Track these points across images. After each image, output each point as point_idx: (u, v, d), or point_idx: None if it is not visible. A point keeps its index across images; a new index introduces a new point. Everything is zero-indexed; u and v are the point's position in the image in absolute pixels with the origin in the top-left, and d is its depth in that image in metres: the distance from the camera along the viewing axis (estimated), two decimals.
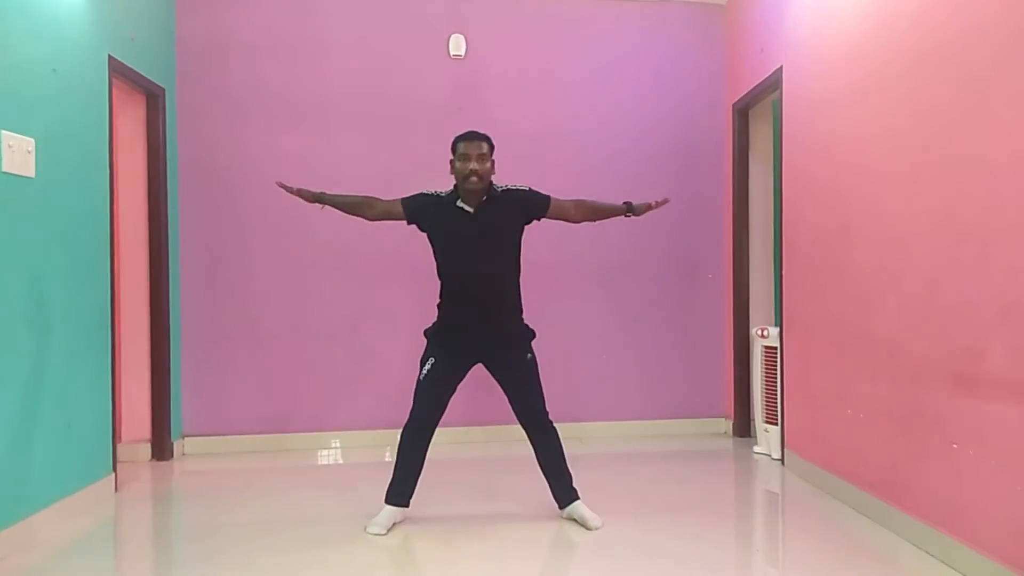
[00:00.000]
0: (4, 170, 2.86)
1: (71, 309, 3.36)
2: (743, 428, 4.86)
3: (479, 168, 3.01)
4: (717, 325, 5.06)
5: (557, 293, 4.85)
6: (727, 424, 5.02)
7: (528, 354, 3.21)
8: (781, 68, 4.12)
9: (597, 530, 3.09)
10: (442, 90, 4.80)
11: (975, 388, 2.54)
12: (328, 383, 4.70)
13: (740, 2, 4.79)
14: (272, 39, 4.66)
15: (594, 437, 4.84)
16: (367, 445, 4.64)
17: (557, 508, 3.26)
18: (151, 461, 4.34)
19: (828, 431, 3.62)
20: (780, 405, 4.20)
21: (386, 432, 4.62)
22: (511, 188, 3.16)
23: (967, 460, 2.59)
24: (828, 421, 3.61)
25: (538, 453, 3.24)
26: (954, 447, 2.65)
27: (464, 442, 4.66)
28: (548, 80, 4.90)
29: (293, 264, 4.67)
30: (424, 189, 3.19)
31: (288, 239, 4.65)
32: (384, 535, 3.06)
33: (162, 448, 4.35)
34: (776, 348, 4.24)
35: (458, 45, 4.77)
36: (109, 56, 3.71)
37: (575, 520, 3.18)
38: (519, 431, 3.27)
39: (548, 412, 3.24)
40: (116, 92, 3.91)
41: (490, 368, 3.21)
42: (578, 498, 3.22)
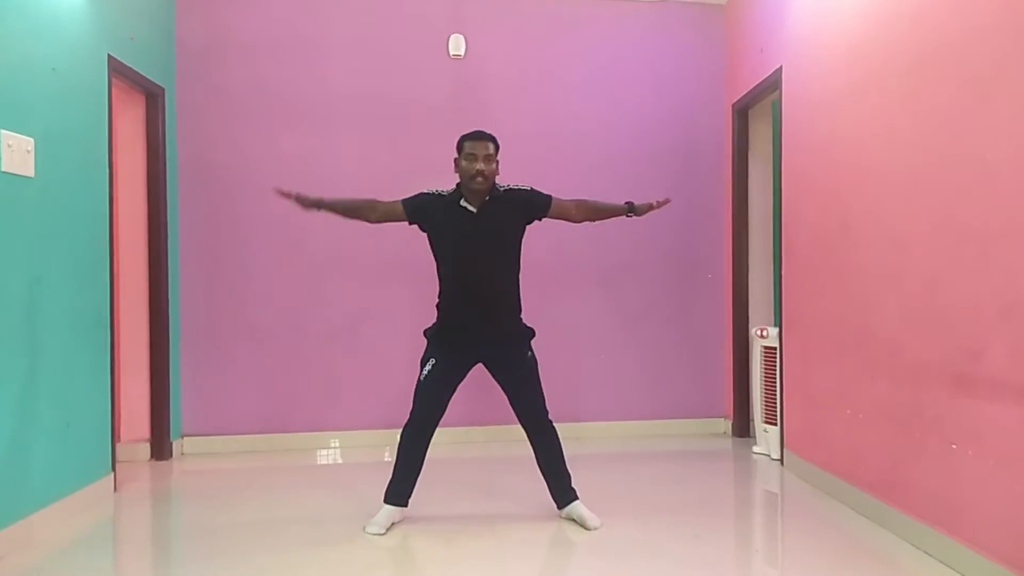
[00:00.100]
0: (3, 170, 2.86)
1: (70, 309, 3.36)
2: (742, 428, 4.86)
3: (485, 168, 3.01)
4: (716, 325, 5.06)
5: (557, 293, 4.85)
6: (726, 424, 5.02)
7: (528, 353, 3.21)
8: (781, 68, 4.12)
9: (596, 530, 3.09)
10: (442, 90, 4.80)
11: (974, 388, 2.54)
12: (327, 383, 4.70)
13: (740, 2, 4.79)
14: (272, 39, 4.66)
15: (593, 437, 4.84)
16: (366, 445, 4.64)
17: (556, 508, 3.26)
18: (150, 461, 4.34)
19: (827, 431, 3.62)
20: (779, 405, 4.20)
21: (385, 432, 4.63)
22: (513, 188, 3.16)
23: (966, 460, 2.59)
24: (827, 421, 3.61)
25: (537, 453, 3.24)
26: (953, 447, 2.65)
27: (463, 442, 4.66)
28: (548, 80, 4.90)
29: (292, 264, 4.67)
30: (424, 189, 3.18)
31: (288, 239, 4.65)
32: (383, 535, 3.06)
33: (161, 448, 4.35)
34: (775, 348, 4.25)
35: (458, 45, 4.77)
36: (108, 56, 3.71)
37: (574, 520, 3.18)
38: (517, 431, 3.27)
39: (548, 412, 3.24)
40: (115, 92, 3.91)
41: (490, 368, 3.21)
42: (577, 498, 3.22)
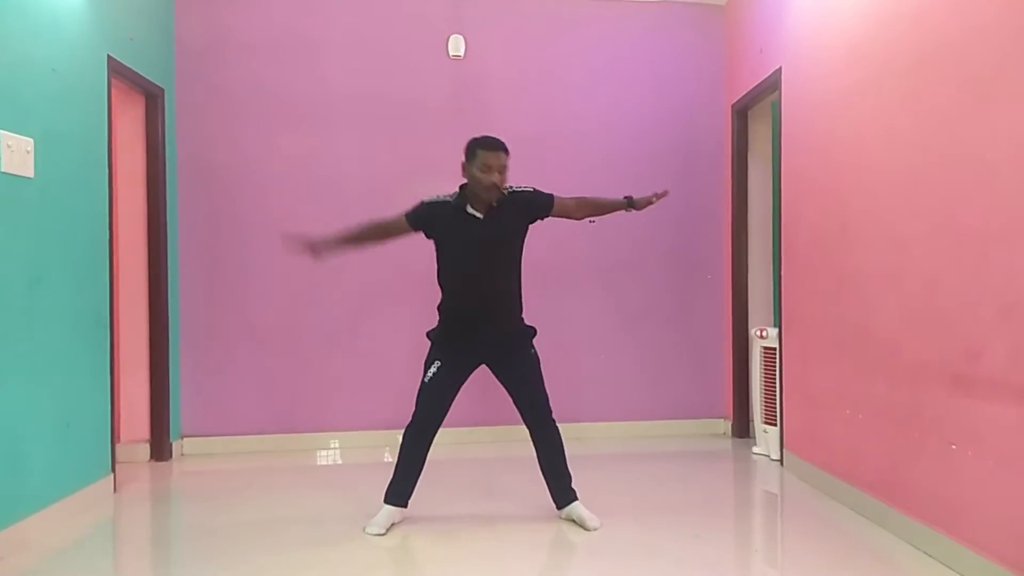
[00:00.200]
0: (3, 170, 2.86)
1: (70, 309, 3.36)
2: (742, 429, 4.86)
3: (499, 181, 3.00)
4: (716, 326, 5.06)
5: (557, 293, 4.85)
6: (726, 425, 5.02)
7: (531, 351, 3.22)
8: (780, 69, 4.12)
9: (596, 531, 3.09)
10: (441, 90, 4.80)
11: (974, 389, 2.54)
12: (327, 384, 4.70)
13: (739, 3, 4.80)
14: (271, 39, 4.66)
15: (593, 437, 4.84)
16: (366, 446, 4.64)
17: (555, 509, 3.26)
18: (150, 461, 4.33)
19: (827, 432, 3.62)
20: (779, 406, 4.20)
21: (385, 433, 4.63)
22: (516, 190, 3.14)
23: (966, 461, 2.59)
24: (827, 422, 3.61)
25: (539, 451, 3.24)
26: (953, 448, 2.65)
27: (463, 442, 4.65)
28: (547, 80, 4.90)
29: (292, 264, 4.64)
30: (425, 197, 3.15)
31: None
32: (383, 535, 3.06)
33: (161, 448, 4.35)
34: (775, 349, 4.25)
35: (457, 45, 4.77)
36: (108, 56, 3.71)
37: (573, 521, 3.18)
38: (517, 431, 3.27)
39: (552, 411, 3.24)
40: (115, 92, 3.90)
41: (493, 368, 3.21)
42: (577, 499, 3.22)
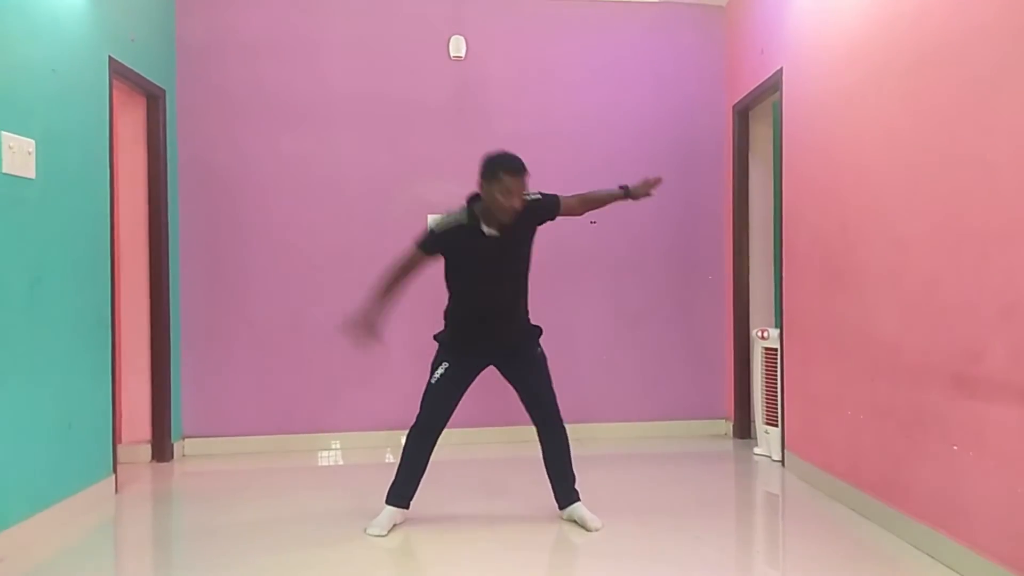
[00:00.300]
0: (4, 171, 2.86)
1: (71, 310, 3.36)
2: (743, 430, 4.85)
3: (520, 205, 2.96)
4: (717, 326, 5.05)
5: (557, 293, 4.84)
6: (727, 426, 5.02)
7: (537, 349, 3.23)
8: (781, 69, 4.12)
9: (597, 532, 3.09)
10: (442, 91, 4.80)
11: (975, 389, 2.54)
12: (328, 384, 4.70)
13: (740, 3, 4.80)
14: (272, 40, 4.66)
15: (594, 438, 4.83)
16: (367, 446, 4.64)
17: (557, 509, 3.26)
18: (151, 462, 4.33)
19: (828, 432, 3.62)
20: (780, 406, 4.20)
21: (386, 433, 4.63)
22: (527, 198, 3.05)
23: (967, 462, 2.59)
24: (828, 422, 3.61)
25: (545, 450, 3.24)
26: (954, 449, 2.65)
27: (465, 443, 4.65)
28: (548, 81, 4.90)
29: (293, 264, 4.67)
30: (432, 223, 3.07)
31: (288, 240, 4.64)
32: (384, 536, 3.05)
33: (162, 449, 4.35)
34: (776, 349, 4.24)
35: (458, 46, 4.77)
36: (109, 57, 3.71)
37: (575, 521, 3.18)
38: (518, 432, 3.27)
39: (559, 410, 3.24)
40: (116, 93, 3.90)
41: (500, 367, 3.22)
42: (579, 500, 3.22)
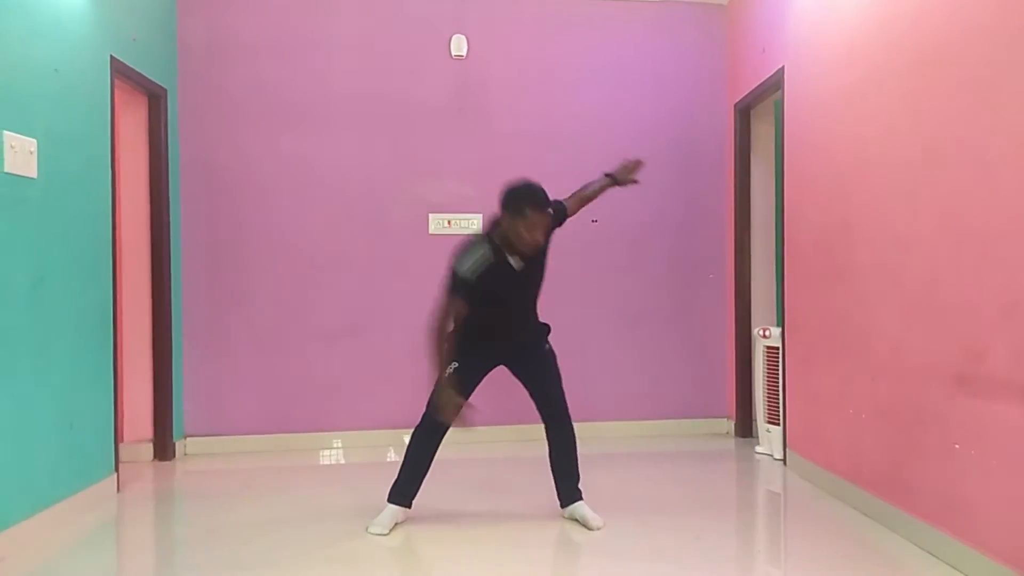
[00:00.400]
0: (6, 171, 2.87)
1: (73, 309, 3.36)
2: (745, 428, 4.85)
3: (543, 238, 2.99)
4: (719, 325, 5.05)
5: (558, 293, 4.81)
6: (729, 424, 5.02)
7: (546, 346, 3.25)
8: (783, 68, 4.12)
9: (598, 530, 3.09)
10: (443, 90, 4.80)
11: (977, 388, 2.54)
12: (329, 383, 4.70)
13: (742, 2, 4.79)
14: (273, 39, 4.66)
15: (595, 437, 4.82)
16: (368, 445, 4.64)
17: (559, 507, 3.26)
18: (153, 461, 4.34)
19: (830, 431, 3.62)
20: (782, 405, 4.20)
21: (388, 432, 4.63)
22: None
23: (969, 460, 2.58)
24: (830, 421, 3.61)
25: (551, 447, 3.24)
26: (956, 447, 2.65)
27: (467, 442, 4.64)
28: (549, 80, 4.90)
29: (294, 264, 4.67)
30: (462, 270, 2.91)
31: (289, 239, 4.65)
32: (386, 535, 3.06)
33: (164, 448, 4.36)
34: (778, 348, 4.24)
35: (459, 45, 4.77)
36: (111, 57, 3.72)
37: (576, 520, 3.18)
38: (521, 431, 3.27)
39: (568, 408, 3.25)
40: (118, 93, 3.91)
41: (511, 367, 3.23)
42: (581, 499, 3.22)
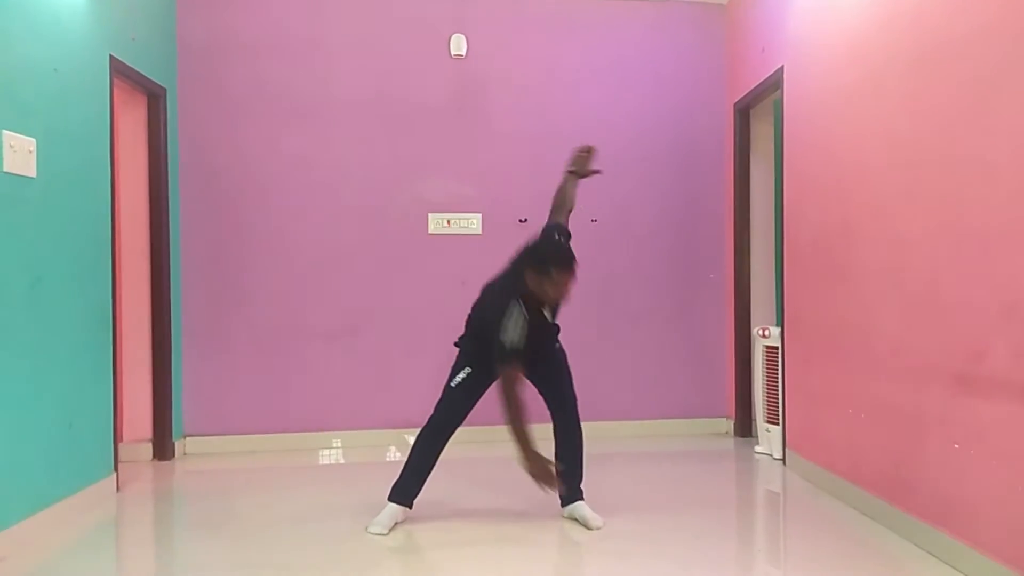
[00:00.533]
0: (5, 170, 2.87)
1: (72, 309, 3.36)
2: (744, 428, 4.85)
3: (569, 293, 3.03)
4: (718, 325, 5.05)
5: None
6: (728, 424, 5.02)
7: (556, 345, 3.26)
8: (782, 68, 4.12)
9: (598, 530, 3.09)
10: (443, 90, 4.80)
11: (977, 388, 2.54)
12: (329, 383, 4.70)
13: (741, 2, 4.79)
14: (273, 39, 4.66)
15: (595, 437, 4.79)
16: (368, 445, 4.64)
17: (559, 506, 3.26)
18: (152, 461, 4.34)
19: (829, 431, 3.62)
20: (781, 405, 4.20)
21: (387, 432, 4.64)
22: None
23: (969, 460, 2.59)
24: (829, 421, 3.61)
25: (558, 446, 3.23)
26: (956, 447, 2.65)
27: (470, 442, 4.64)
28: (549, 80, 4.90)
29: (294, 264, 4.67)
30: (510, 342, 2.88)
31: (289, 239, 4.64)
32: (385, 535, 3.06)
33: (163, 448, 4.35)
34: (777, 348, 4.24)
35: (459, 45, 4.77)
36: (110, 56, 3.71)
37: (576, 520, 3.18)
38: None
39: (578, 409, 3.25)
40: (117, 92, 3.91)
41: (525, 370, 3.20)
42: (582, 498, 3.22)
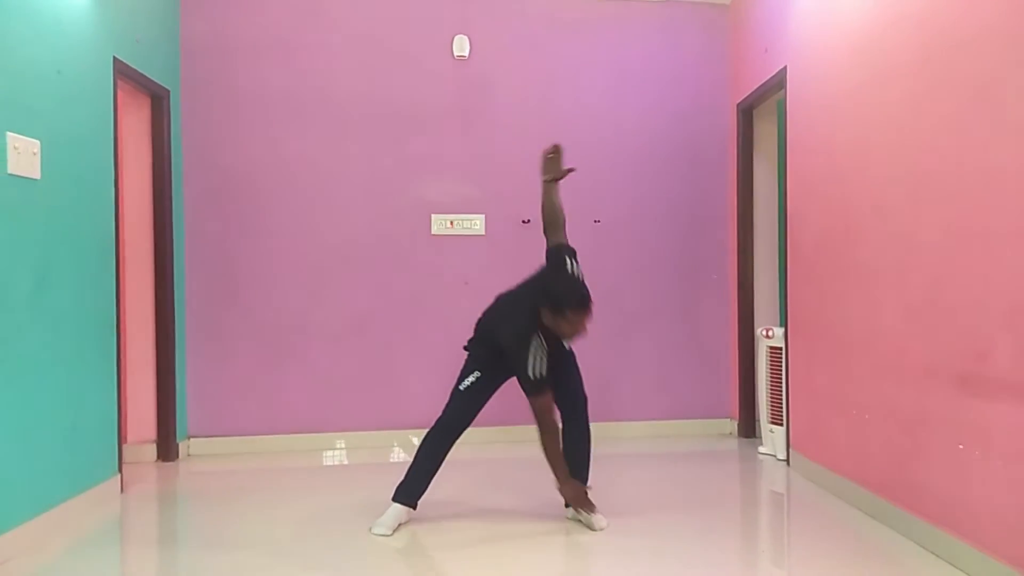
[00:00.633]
0: (10, 172, 2.87)
1: (76, 310, 3.37)
2: (748, 429, 4.85)
3: (586, 328, 3.04)
4: (722, 326, 5.05)
5: None
6: (732, 425, 5.01)
7: (564, 346, 3.24)
8: (785, 68, 4.11)
9: (602, 531, 3.09)
10: (446, 91, 4.80)
11: (981, 388, 2.53)
12: (333, 384, 4.70)
13: (744, 2, 4.79)
14: (276, 40, 4.67)
15: (599, 438, 4.78)
16: (372, 446, 4.65)
17: (563, 507, 3.25)
18: (157, 462, 4.34)
19: (833, 432, 3.61)
20: (785, 406, 4.19)
21: (391, 433, 4.64)
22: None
23: (973, 461, 2.58)
24: (833, 422, 3.60)
25: (568, 446, 3.21)
26: (960, 448, 2.64)
27: (473, 442, 4.64)
28: (551, 81, 4.90)
29: (298, 265, 4.67)
30: (535, 372, 2.97)
31: (293, 240, 4.65)
32: (389, 535, 3.06)
33: (168, 449, 4.36)
34: (781, 348, 4.24)
35: (462, 46, 4.77)
36: (114, 58, 3.72)
37: (580, 521, 3.18)
38: (525, 431, 3.25)
39: (587, 410, 3.26)
40: (121, 94, 3.92)
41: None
42: None
